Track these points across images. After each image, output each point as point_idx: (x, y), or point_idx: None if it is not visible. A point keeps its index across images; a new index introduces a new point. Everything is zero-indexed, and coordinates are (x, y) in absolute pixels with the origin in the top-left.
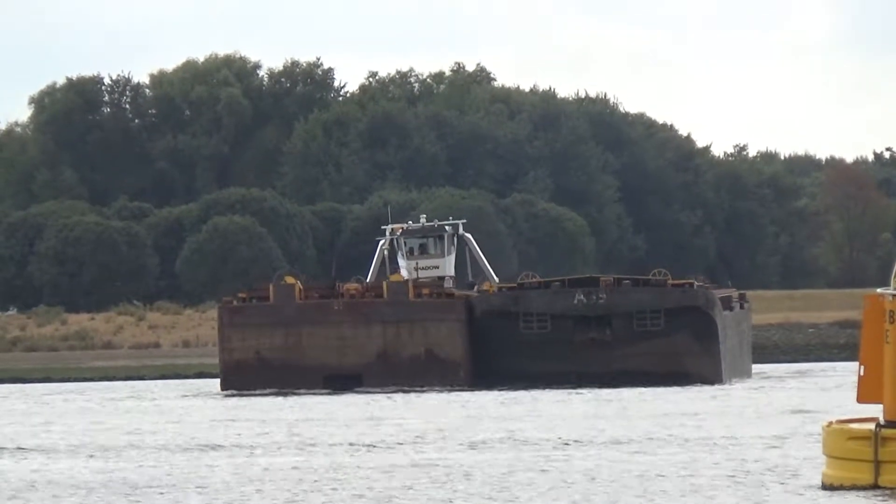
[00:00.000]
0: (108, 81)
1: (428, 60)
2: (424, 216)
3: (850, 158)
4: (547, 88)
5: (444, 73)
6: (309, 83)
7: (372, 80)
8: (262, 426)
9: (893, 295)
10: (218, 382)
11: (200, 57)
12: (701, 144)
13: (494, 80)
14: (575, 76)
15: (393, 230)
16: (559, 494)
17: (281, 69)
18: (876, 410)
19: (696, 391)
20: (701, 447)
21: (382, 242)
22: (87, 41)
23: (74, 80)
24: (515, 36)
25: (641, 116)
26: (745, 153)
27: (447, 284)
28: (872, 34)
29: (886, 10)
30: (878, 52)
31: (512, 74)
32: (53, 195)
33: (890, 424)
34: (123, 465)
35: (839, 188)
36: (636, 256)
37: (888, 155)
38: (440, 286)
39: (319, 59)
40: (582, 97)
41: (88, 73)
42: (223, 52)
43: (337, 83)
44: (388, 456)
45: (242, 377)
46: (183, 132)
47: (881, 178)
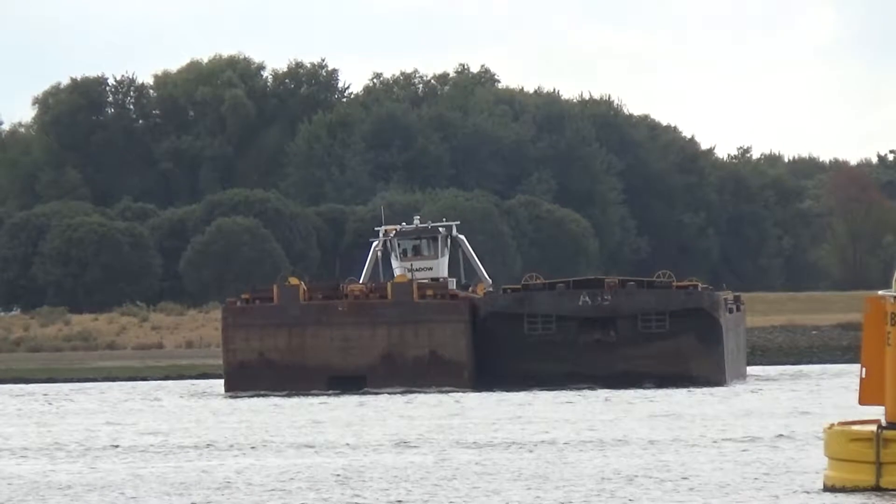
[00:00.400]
0: (112, 82)
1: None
2: (418, 217)
3: (853, 161)
4: (551, 90)
5: (448, 74)
6: (313, 84)
7: (376, 81)
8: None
9: (895, 297)
10: (220, 383)
11: (204, 58)
12: (705, 146)
13: (498, 81)
14: (579, 78)
15: (386, 231)
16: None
17: (285, 70)
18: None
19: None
20: (702, 448)
21: (376, 244)
22: (91, 42)
23: (78, 80)
24: (519, 37)
25: (645, 118)
26: (748, 155)
27: (451, 286)
28: (876, 37)
29: (891, 12)
30: (882, 54)
31: (516, 76)
32: (57, 196)
33: (892, 426)
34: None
35: (843, 190)
36: (639, 258)
37: (892, 157)
38: (444, 287)
39: (323, 60)
40: (586, 99)
41: (92, 73)
42: (227, 53)
43: (341, 84)
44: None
45: (246, 378)
46: (187, 133)
47: (885, 180)
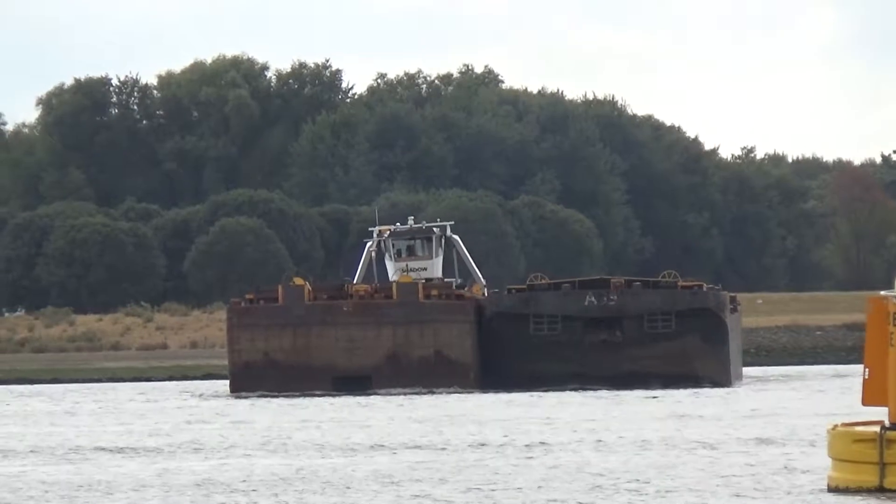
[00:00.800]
0: (115, 82)
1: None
2: (412, 218)
3: (857, 161)
4: (555, 90)
5: (451, 74)
6: (317, 85)
7: (380, 81)
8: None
9: None
10: (225, 383)
11: (208, 58)
12: (708, 147)
13: (502, 81)
14: (583, 78)
15: (380, 232)
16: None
17: (289, 71)
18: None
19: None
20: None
21: (370, 244)
22: (94, 42)
23: (82, 81)
24: (523, 38)
25: (649, 119)
26: (752, 155)
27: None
28: (880, 37)
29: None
30: (885, 54)
31: (519, 76)
32: (61, 196)
33: (895, 427)
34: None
35: (846, 190)
36: (643, 258)
37: (895, 157)
38: (449, 288)
39: (327, 60)
40: (590, 99)
41: (96, 74)
42: (231, 53)
43: (345, 85)
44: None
45: (251, 378)
46: (191, 133)
47: (888, 180)
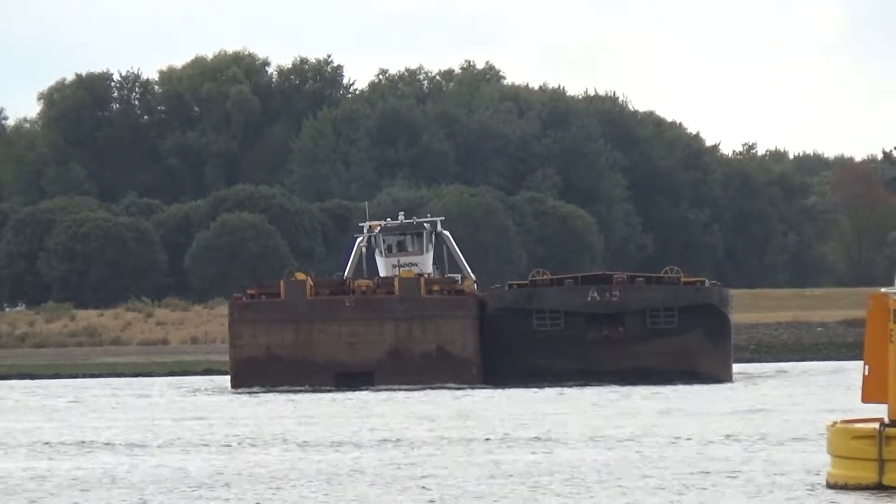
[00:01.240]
0: (117, 78)
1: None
2: (403, 213)
3: (858, 157)
4: (556, 86)
5: (453, 70)
6: (318, 80)
7: (381, 77)
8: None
9: None
10: (225, 378)
11: (210, 54)
12: (710, 143)
13: (504, 77)
14: (584, 74)
15: (371, 227)
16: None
17: (290, 66)
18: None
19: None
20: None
21: (360, 240)
22: (96, 37)
23: (84, 76)
24: (525, 34)
25: (650, 115)
26: (753, 152)
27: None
28: (881, 33)
29: None
30: (887, 50)
31: (521, 72)
32: (62, 191)
33: (894, 424)
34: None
35: (848, 187)
36: (644, 255)
37: None
38: (452, 283)
39: (329, 56)
40: (591, 95)
41: (98, 69)
42: (232, 49)
43: (346, 80)
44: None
45: (253, 374)
46: (192, 129)
47: (890, 176)
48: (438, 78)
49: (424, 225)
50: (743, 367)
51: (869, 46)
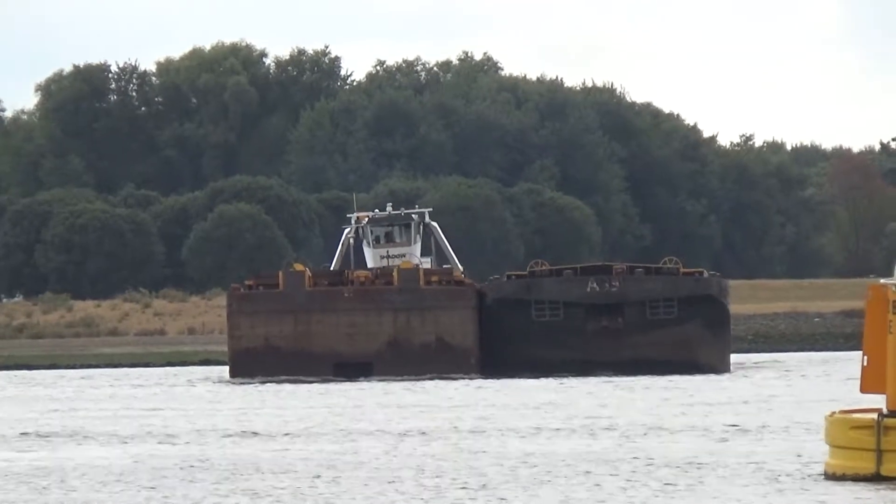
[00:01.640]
0: (114, 69)
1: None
2: (391, 204)
3: (856, 148)
4: (554, 77)
5: (450, 61)
6: (316, 72)
7: (379, 68)
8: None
9: None
10: (223, 369)
11: (207, 45)
12: (707, 134)
13: (501, 69)
14: (582, 65)
15: (359, 218)
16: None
17: (287, 58)
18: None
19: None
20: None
21: (348, 230)
22: (93, 29)
23: (81, 67)
24: (523, 25)
25: (648, 106)
26: (751, 143)
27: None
28: (879, 24)
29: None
30: (885, 42)
31: (519, 63)
32: (60, 183)
33: (893, 414)
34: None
35: (845, 178)
36: (642, 246)
37: (894, 145)
38: (450, 273)
39: (326, 47)
40: (589, 86)
41: (95, 60)
42: (230, 40)
43: (344, 72)
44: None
45: (252, 364)
46: (189, 120)
47: (887, 167)
48: (436, 69)
49: (412, 216)
50: (740, 357)
51: (867, 38)
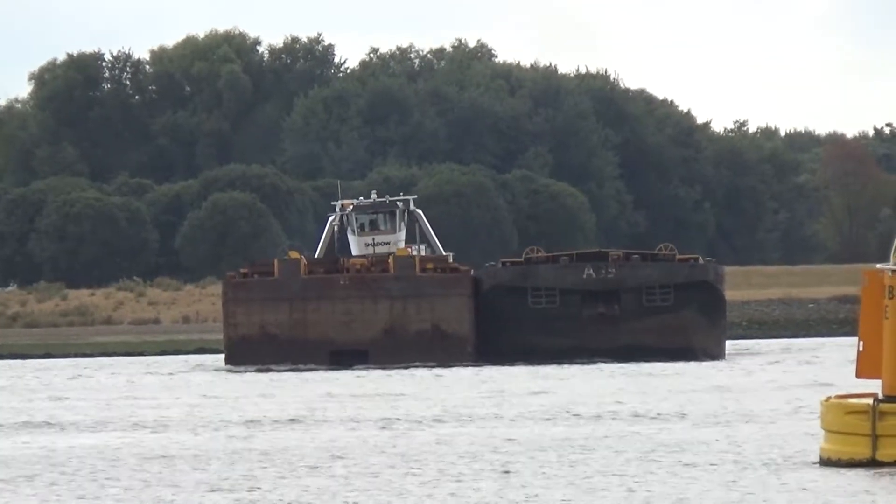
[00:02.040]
0: (108, 58)
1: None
2: (375, 192)
3: (850, 134)
4: (547, 64)
5: (444, 48)
6: (309, 59)
7: (372, 56)
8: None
9: (893, 270)
10: (218, 357)
11: (201, 33)
12: (701, 120)
13: (495, 56)
14: (576, 52)
15: (343, 206)
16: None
17: (281, 46)
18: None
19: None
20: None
21: (332, 218)
22: (87, 17)
23: (75, 56)
24: (516, 12)
25: (642, 92)
26: (745, 129)
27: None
28: (873, 10)
29: None
30: (878, 27)
31: (512, 50)
32: (54, 171)
33: (888, 399)
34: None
35: (839, 164)
36: (636, 232)
37: (888, 130)
38: (445, 261)
39: (320, 35)
40: (582, 73)
41: (89, 49)
42: (223, 28)
43: (337, 59)
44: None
45: (247, 352)
46: (183, 108)
47: (881, 153)
48: (430, 56)
49: (397, 203)
50: (734, 343)
51: (860, 23)
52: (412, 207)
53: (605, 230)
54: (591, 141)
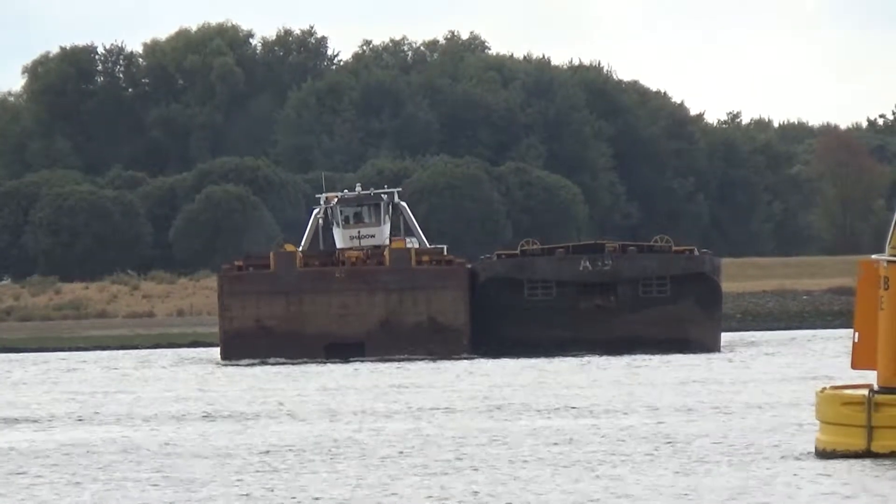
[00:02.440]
0: (101, 51)
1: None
2: (360, 185)
3: (843, 125)
4: (541, 56)
5: (437, 41)
6: (302, 52)
7: (365, 48)
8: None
9: (888, 261)
10: (212, 351)
11: (193, 26)
12: (694, 112)
13: (488, 47)
14: (569, 44)
15: (328, 199)
16: None
17: (274, 38)
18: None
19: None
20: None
21: (317, 211)
22: (80, 10)
23: (68, 49)
24: (509, 4)
25: (635, 84)
26: (738, 120)
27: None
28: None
29: None
30: (871, 19)
31: (506, 42)
32: (47, 164)
33: (884, 390)
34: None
35: (833, 155)
36: (629, 224)
37: (882, 122)
38: (441, 253)
39: (312, 27)
40: (576, 65)
41: (82, 42)
42: (216, 20)
43: (330, 52)
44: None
45: (243, 346)
46: (176, 101)
47: (875, 144)
48: (422, 48)
49: (382, 196)
50: (729, 335)
51: (854, 15)
52: (397, 200)
53: (598, 222)
54: (584, 133)
